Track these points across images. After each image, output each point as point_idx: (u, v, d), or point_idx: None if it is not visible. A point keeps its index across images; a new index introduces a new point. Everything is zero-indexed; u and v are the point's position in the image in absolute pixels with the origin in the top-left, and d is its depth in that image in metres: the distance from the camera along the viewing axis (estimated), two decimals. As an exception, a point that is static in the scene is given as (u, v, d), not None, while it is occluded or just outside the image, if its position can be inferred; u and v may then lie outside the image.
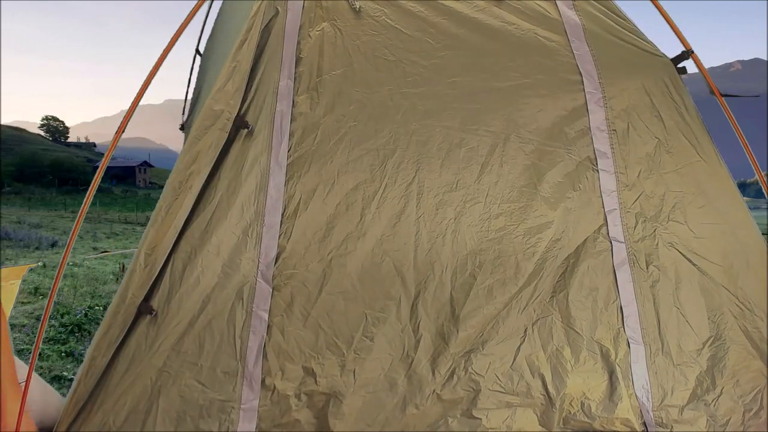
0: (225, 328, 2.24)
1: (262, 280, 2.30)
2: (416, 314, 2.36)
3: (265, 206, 2.33)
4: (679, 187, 2.60)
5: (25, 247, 12.65)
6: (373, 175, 2.44)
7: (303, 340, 2.29)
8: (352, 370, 2.27)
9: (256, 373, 2.22)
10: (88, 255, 11.63)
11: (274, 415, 2.22)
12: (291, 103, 2.43)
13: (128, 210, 32.50)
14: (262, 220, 2.33)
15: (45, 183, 54.06)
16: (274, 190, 2.35)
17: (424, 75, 2.55)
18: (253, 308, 2.27)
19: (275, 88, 2.41)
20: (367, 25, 2.55)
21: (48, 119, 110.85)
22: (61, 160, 63.13)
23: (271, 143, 2.38)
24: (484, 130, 2.54)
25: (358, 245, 2.37)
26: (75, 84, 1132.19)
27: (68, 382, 3.69)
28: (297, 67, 2.46)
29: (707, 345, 2.50)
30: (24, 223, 19.35)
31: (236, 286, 2.27)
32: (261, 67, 2.40)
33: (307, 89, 2.46)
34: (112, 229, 19.71)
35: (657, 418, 2.39)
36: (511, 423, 2.31)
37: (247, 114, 2.36)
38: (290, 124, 2.41)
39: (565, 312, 2.46)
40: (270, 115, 2.39)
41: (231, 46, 2.38)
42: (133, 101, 2.29)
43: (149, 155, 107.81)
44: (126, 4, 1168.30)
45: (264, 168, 2.36)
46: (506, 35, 2.61)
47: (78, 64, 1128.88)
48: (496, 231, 2.48)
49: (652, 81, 2.63)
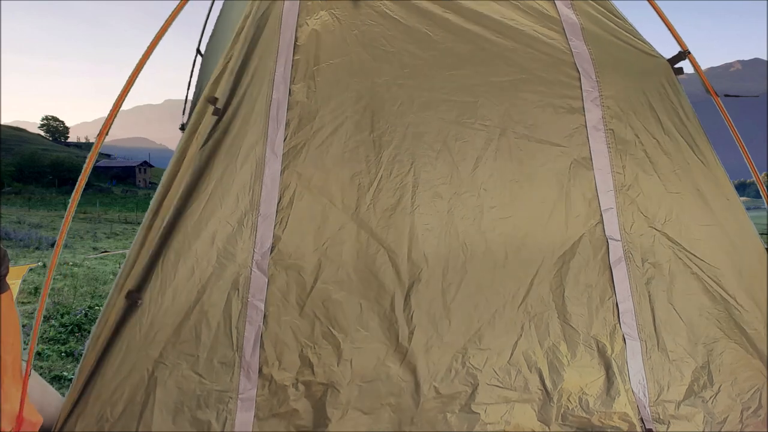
0: (221, 319, 2.23)
1: (257, 269, 2.28)
2: (409, 305, 2.36)
3: (261, 195, 2.31)
4: (676, 187, 2.60)
5: (25, 247, 12.67)
6: (369, 166, 2.44)
7: (299, 330, 2.28)
8: (348, 360, 2.27)
9: (254, 363, 2.21)
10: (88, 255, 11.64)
11: (272, 405, 2.21)
12: (287, 91, 2.41)
13: (128, 210, 32.52)
14: (258, 210, 2.31)
15: (45, 183, 54.08)
16: (269, 180, 2.33)
17: (422, 67, 2.54)
18: (249, 298, 2.26)
19: (271, 77, 2.39)
20: (365, 15, 2.55)
21: (48, 119, 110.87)
22: (61, 160, 63.12)
23: (267, 132, 2.36)
24: (479, 124, 2.54)
25: (353, 236, 2.37)
26: (75, 84, 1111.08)
27: (68, 382, 3.68)
28: (294, 56, 2.45)
29: (703, 342, 2.50)
30: (24, 223, 19.37)
31: (232, 276, 2.26)
32: (256, 56, 2.38)
33: (304, 78, 2.45)
34: (112, 229, 19.73)
35: (654, 414, 2.40)
36: (509, 418, 2.31)
37: (242, 103, 2.34)
38: (287, 112, 2.40)
39: (562, 308, 2.46)
40: (266, 104, 2.37)
41: (225, 40, 2.40)
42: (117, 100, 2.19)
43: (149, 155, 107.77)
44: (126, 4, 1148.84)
45: (259, 157, 2.33)
46: (505, 30, 2.61)
47: (78, 64, 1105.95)
48: (488, 224, 2.48)
49: (650, 81, 2.63)
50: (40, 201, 39.41)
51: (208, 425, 2.15)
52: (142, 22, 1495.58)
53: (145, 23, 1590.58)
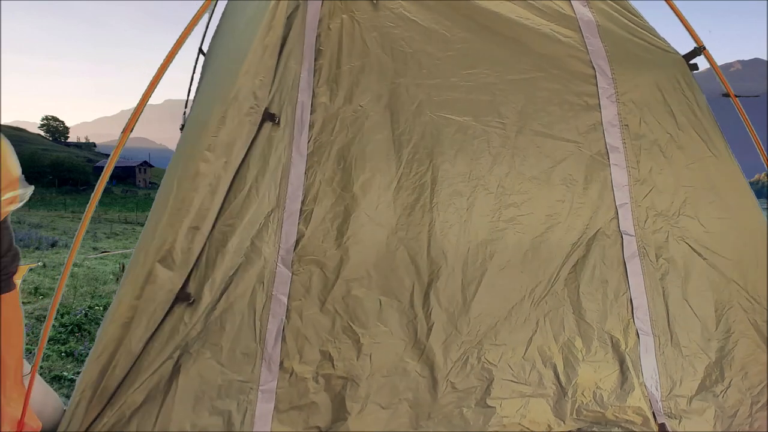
0: (246, 311, 2.29)
1: (282, 265, 2.34)
2: (428, 302, 2.40)
3: (287, 194, 2.39)
4: (690, 182, 2.63)
5: (25, 247, 12.62)
6: (389, 165, 2.48)
7: (320, 324, 2.33)
8: (368, 355, 2.31)
9: (275, 355, 2.26)
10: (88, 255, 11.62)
11: (291, 397, 2.25)
12: (311, 94, 2.48)
13: (128, 210, 32.45)
14: (283, 207, 2.38)
15: (45, 183, 53.99)
16: (294, 178, 2.41)
17: (440, 67, 2.59)
18: (273, 292, 2.32)
19: (296, 80, 2.46)
20: (384, 17, 2.60)
21: (48, 119, 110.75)
22: (61, 160, 63.05)
23: (293, 133, 2.43)
24: (497, 122, 2.58)
25: (373, 233, 2.41)
26: (75, 84, 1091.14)
27: (68, 382, 3.66)
28: (317, 60, 2.51)
29: (716, 337, 2.54)
30: (24, 223, 19.32)
31: (257, 270, 2.32)
32: (283, 60, 2.45)
33: (327, 81, 2.51)
34: (112, 229, 19.68)
35: (666, 408, 2.43)
36: (525, 412, 2.34)
37: (272, 105, 2.41)
38: (310, 115, 2.47)
39: (576, 303, 2.50)
40: (291, 107, 2.44)
41: (245, 43, 2.41)
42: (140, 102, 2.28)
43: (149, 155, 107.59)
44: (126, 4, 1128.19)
45: (286, 157, 2.42)
46: (521, 29, 2.65)
47: (78, 64, 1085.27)
48: (506, 221, 2.52)
49: (665, 77, 2.67)
50: (40, 201, 39.35)
51: (229, 415, 2.18)
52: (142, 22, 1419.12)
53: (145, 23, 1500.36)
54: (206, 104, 2.43)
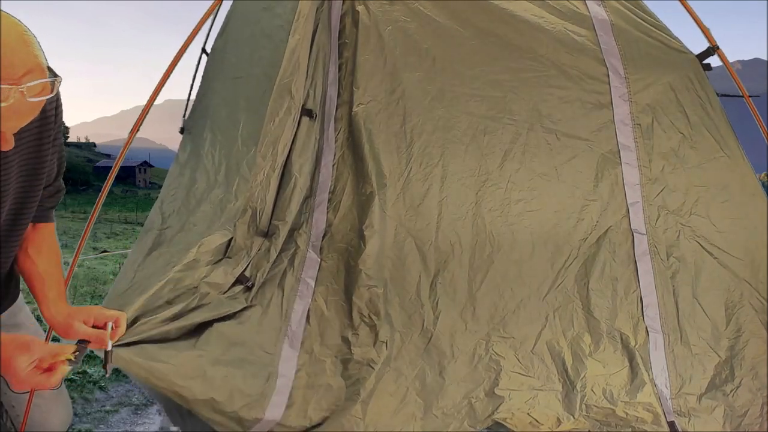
0: (275, 291, 2.39)
1: (311, 250, 2.46)
2: (435, 292, 2.44)
3: (318, 183, 2.53)
4: (702, 181, 2.64)
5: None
6: (400, 157, 2.53)
7: (342, 310, 2.40)
8: (384, 342, 2.34)
9: (299, 333, 2.34)
10: (88, 255, 11.60)
11: (308, 377, 2.30)
12: (336, 88, 2.61)
13: (128, 210, 32.37)
14: (315, 196, 2.52)
15: (45, 182, 53.79)
16: (325, 169, 2.55)
17: (453, 62, 2.61)
18: (302, 275, 2.42)
19: (326, 75, 2.59)
20: (399, 12, 2.63)
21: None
22: (61, 159, 62.82)
23: (323, 126, 2.57)
24: (508, 119, 2.60)
25: (385, 223, 2.47)
26: (75, 84, 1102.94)
27: (68, 382, 3.67)
28: (341, 54, 2.63)
29: (726, 336, 2.53)
30: (24, 221, 19.24)
31: (289, 254, 2.44)
32: (313, 56, 2.57)
33: (347, 75, 2.60)
34: (112, 229, 19.65)
35: (675, 406, 2.42)
36: (533, 404, 2.34)
37: (308, 101, 2.55)
38: (336, 109, 2.60)
39: (586, 300, 2.50)
40: (322, 101, 2.57)
41: (279, 44, 2.49)
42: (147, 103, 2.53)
43: (149, 155, 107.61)
44: (126, 4, 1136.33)
45: (318, 149, 2.56)
46: (535, 27, 2.66)
47: (77, 65, 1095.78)
48: (515, 216, 2.54)
49: (677, 77, 2.68)
50: (40, 200, 39.21)
51: None
52: (142, 22, 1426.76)
53: (144, 23, 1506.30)
54: (237, 108, 2.60)
